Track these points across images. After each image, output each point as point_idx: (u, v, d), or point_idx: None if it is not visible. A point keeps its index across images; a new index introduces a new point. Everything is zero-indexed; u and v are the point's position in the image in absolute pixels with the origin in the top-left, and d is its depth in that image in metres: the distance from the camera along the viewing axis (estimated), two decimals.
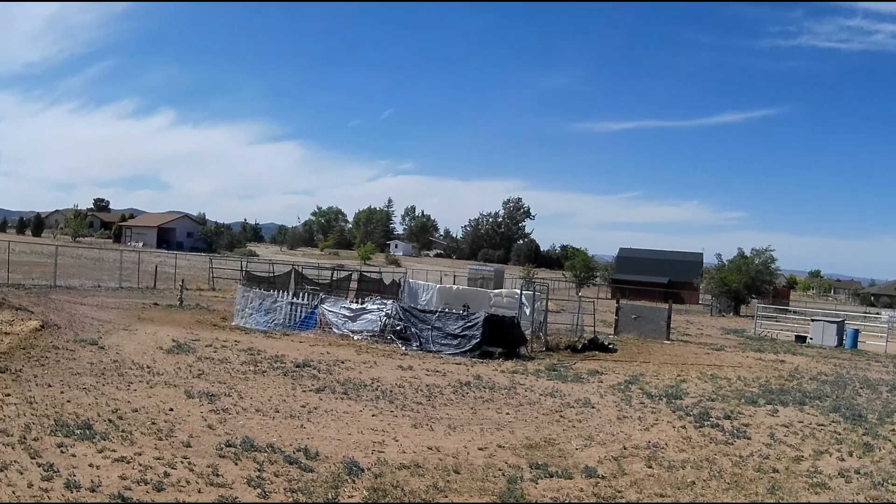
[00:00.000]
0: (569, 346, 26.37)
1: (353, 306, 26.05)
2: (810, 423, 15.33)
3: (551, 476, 10.40)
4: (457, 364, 20.87)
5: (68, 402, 12.38)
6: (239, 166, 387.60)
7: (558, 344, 26.92)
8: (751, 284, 63.50)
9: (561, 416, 14.78)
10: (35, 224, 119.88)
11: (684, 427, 14.33)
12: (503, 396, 16.50)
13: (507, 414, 14.72)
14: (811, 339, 36.71)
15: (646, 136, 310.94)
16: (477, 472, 10.41)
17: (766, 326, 43.18)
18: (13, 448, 9.49)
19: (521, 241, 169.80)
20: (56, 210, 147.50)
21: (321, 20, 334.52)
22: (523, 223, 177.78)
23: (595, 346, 26.60)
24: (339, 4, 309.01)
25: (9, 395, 12.41)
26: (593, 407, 15.90)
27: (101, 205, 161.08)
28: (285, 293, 26.99)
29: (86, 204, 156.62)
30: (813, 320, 39.36)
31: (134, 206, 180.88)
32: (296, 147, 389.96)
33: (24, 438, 9.92)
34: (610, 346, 26.93)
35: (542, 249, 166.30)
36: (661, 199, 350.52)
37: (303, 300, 26.31)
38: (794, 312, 54.27)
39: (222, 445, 10.57)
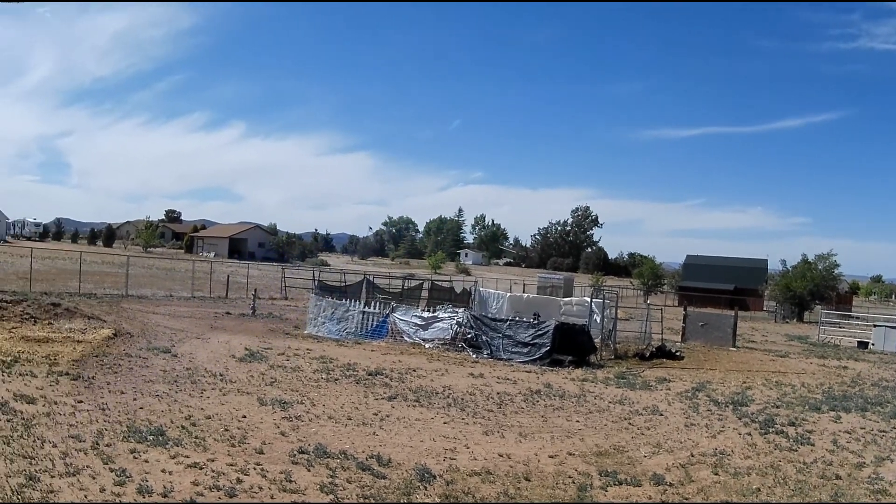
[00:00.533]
0: (637, 354, 26.19)
1: (425, 315, 26.14)
2: (872, 430, 15.09)
3: (620, 483, 10.36)
4: (527, 372, 20.78)
5: (141, 408, 12.60)
6: (310, 177, 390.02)
7: (627, 352, 26.68)
8: (814, 290, 62.73)
9: (630, 424, 14.66)
10: (106, 235, 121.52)
11: (750, 434, 14.22)
12: (573, 404, 16.38)
13: (577, 421, 14.62)
14: (873, 344, 35.94)
15: (709, 143, 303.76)
16: (547, 479, 10.35)
17: (830, 332, 42.36)
18: (86, 453, 9.67)
19: (590, 250, 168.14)
20: (127, 221, 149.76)
21: (391, 32, 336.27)
22: (591, 231, 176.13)
23: (663, 353, 26.39)
24: (408, 15, 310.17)
25: (81, 401, 12.68)
26: (661, 414, 15.75)
27: (172, 216, 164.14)
28: (357, 302, 27.26)
29: (157, 215, 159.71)
30: (875, 326, 38.59)
31: (206, 217, 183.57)
32: (366, 157, 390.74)
33: (97, 444, 10.11)
34: (677, 354, 26.68)
35: (610, 257, 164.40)
36: (725, 206, 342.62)
37: (374, 309, 26.49)
38: (857, 318, 52.97)
39: (295, 452, 10.65)
